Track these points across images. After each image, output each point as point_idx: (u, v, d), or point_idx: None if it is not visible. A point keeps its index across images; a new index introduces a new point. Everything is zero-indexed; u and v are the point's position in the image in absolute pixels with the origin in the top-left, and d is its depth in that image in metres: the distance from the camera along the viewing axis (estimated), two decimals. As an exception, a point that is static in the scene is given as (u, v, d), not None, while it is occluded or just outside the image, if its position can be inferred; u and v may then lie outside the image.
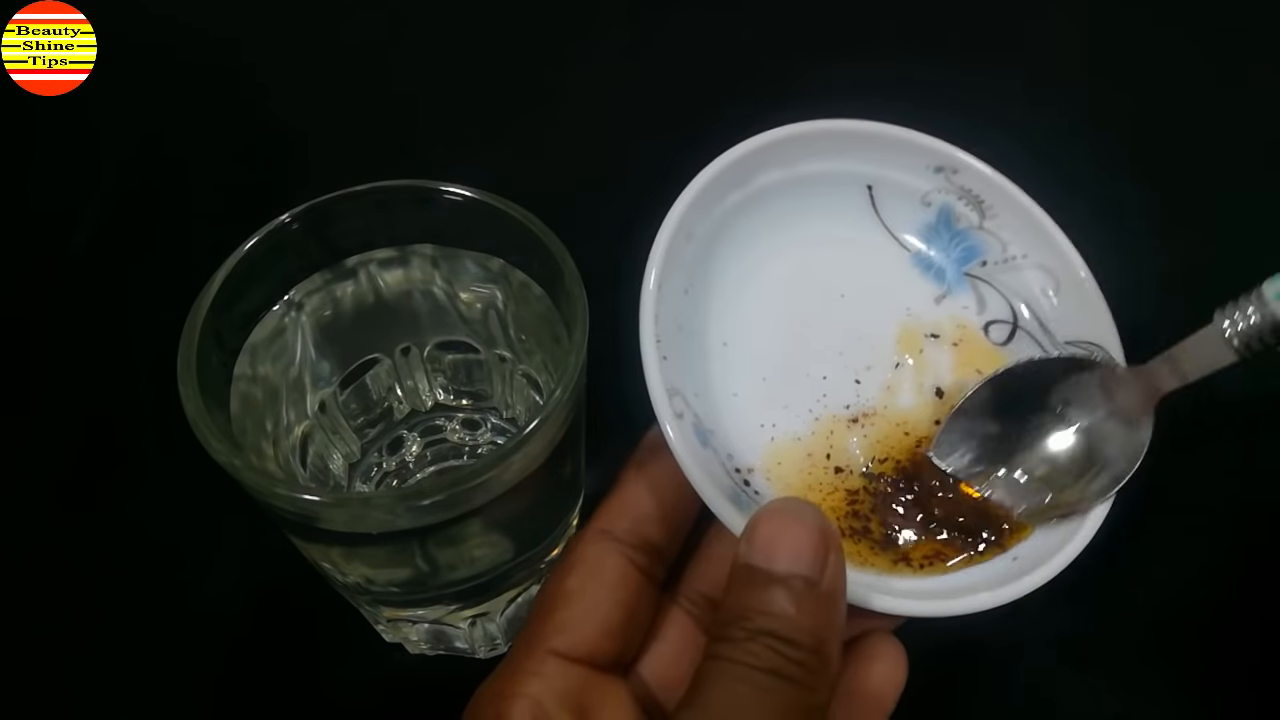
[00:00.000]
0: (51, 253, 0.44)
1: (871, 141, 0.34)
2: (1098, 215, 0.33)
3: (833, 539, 0.23)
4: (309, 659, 0.35)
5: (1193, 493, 0.38)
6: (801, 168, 0.34)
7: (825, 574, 0.23)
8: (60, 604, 0.36)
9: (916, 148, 0.34)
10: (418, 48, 0.52)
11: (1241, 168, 0.47)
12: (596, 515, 0.30)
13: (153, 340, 0.27)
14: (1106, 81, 0.51)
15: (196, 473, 0.25)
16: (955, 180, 0.34)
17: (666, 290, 0.30)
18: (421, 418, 0.34)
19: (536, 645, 0.27)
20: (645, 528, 0.29)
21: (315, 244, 0.28)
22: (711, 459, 0.29)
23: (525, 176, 0.33)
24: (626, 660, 0.29)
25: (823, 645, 0.22)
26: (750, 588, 0.23)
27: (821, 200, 0.35)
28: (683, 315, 0.32)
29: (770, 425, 0.32)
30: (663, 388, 0.28)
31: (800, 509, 0.24)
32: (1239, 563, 0.38)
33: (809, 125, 0.33)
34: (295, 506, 0.23)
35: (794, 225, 0.35)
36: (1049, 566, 0.27)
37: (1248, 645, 0.36)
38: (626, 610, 0.28)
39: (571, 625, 0.27)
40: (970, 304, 0.34)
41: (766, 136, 0.33)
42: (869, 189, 0.35)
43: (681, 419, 0.28)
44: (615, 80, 0.51)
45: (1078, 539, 0.28)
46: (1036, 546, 0.29)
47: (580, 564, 0.28)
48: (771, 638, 0.22)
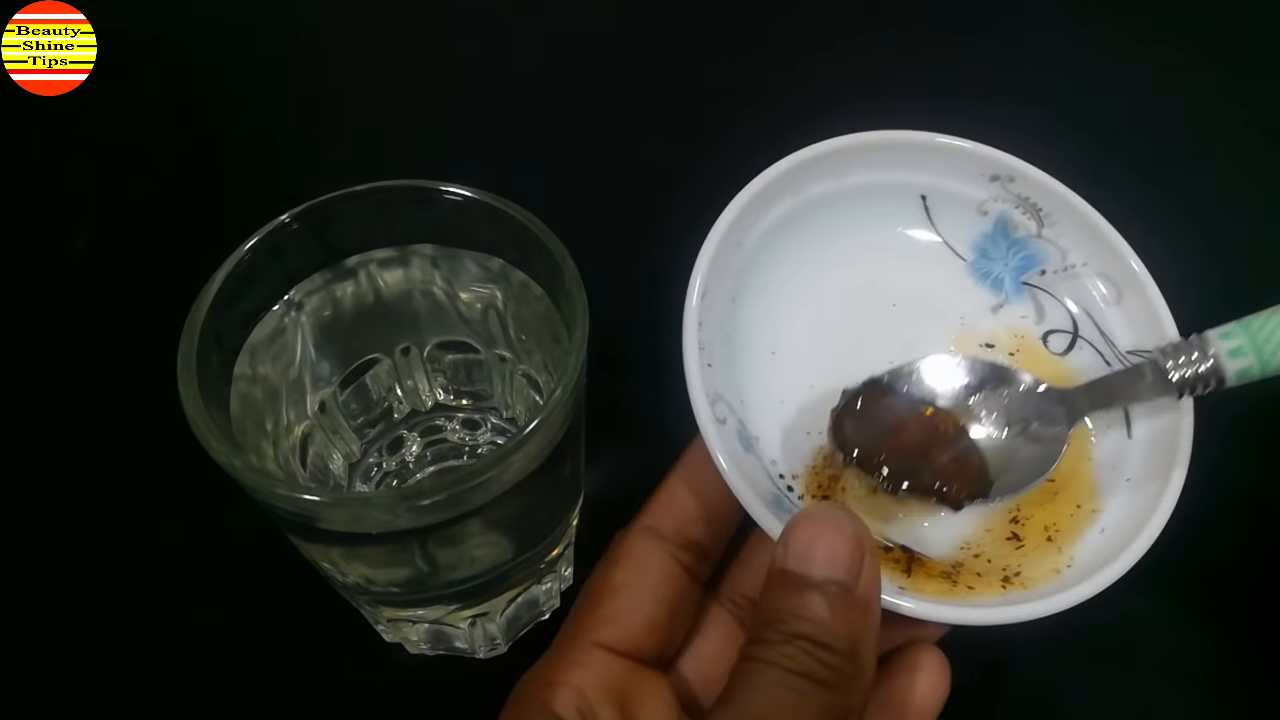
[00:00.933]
0: (51, 253, 0.44)
1: (925, 151, 0.34)
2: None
3: (868, 546, 0.24)
4: (309, 659, 0.35)
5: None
6: (853, 178, 0.34)
7: (860, 580, 0.23)
8: (60, 604, 0.36)
9: (972, 156, 0.34)
10: (417, 48, 0.52)
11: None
12: (643, 513, 0.30)
13: (153, 340, 0.27)
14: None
15: (196, 473, 0.25)
16: (1012, 189, 0.34)
17: (712, 299, 0.31)
18: (421, 418, 0.34)
19: (582, 636, 0.27)
20: (690, 527, 0.30)
21: (315, 244, 0.28)
22: (754, 465, 0.30)
23: (525, 176, 0.33)
24: (669, 656, 0.29)
25: (856, 650, 0.23)
26: (786, 591, 0.23)
27: (875, 210, 0.35)
28: (730, 323, 0.32)
29: (818, 433, 0.32)
30: (703, 393, 0.28)
31: (837, 515, 0.24)
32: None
33: (861, 136, 0.33)
34: (295, 506, 0.23)
35: (846, 235, 0.34)
36: (1098, 579, 0.27)
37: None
38: (670, 607, 0.28)
39: (616, 619, 0.28)
40: (1029, 313, 0.34)
41: (819, 147, 0.33)
42: (923, 199, 0.35)
43: (724, 424, 0.29)
44: (617, 80, 0.51)
45: (1130, 553, 0.27)
46: (1087, 558, 0.28)
47: (627, 559, 0.29)
48: (806, 641, 0.22)
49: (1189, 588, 0.36)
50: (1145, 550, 0.27)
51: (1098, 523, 0.29)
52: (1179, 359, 0.29)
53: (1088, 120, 0.49)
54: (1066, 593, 0.26)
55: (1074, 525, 0.30)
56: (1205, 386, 0.28)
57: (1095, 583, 0.27)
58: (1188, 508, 0.28)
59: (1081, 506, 0.30)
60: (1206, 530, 0.32)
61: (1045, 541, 0.30)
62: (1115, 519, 0.29)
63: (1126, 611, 0.33)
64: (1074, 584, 0.27)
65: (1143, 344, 0.32)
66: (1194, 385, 0.28)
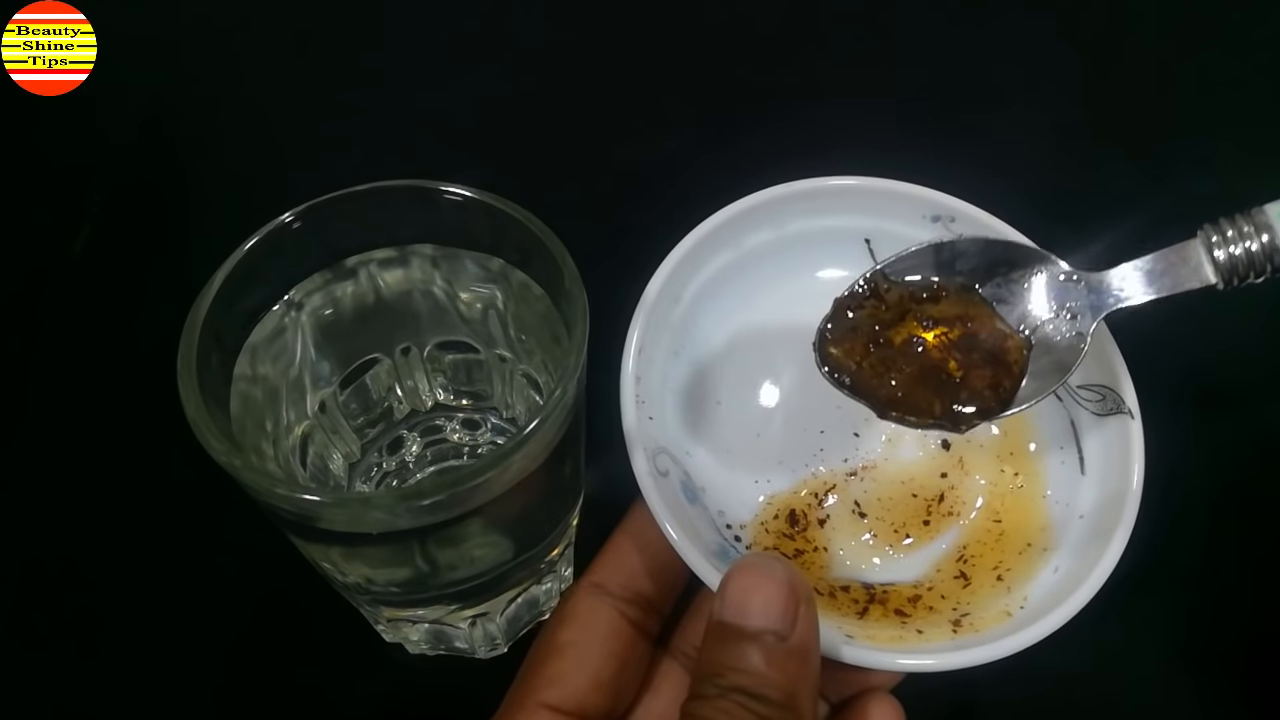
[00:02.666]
0: (51, 253, 0.44)
1: (864, 196, 0.34)
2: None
3: (803, 592, 0.23)
4: (309, 659, 0.35)
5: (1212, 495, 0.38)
6: (793, 226, 0.34)
7: (796, 628, 0.23)
8: (60, 604, 0.36)
9: (911, 199, 0.33)
10: (418, 47, 0.52)
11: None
12: (590, 569, 0.30)
13: (153, 340, 0.27)
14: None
15: (196, 473, 0.25)
16: (954, 228, 0.33)
17: (652, 352, 0.31)
18: (421, 418, 0.34)
19: (528, 697, 0.27)
20: (637, 582, 0.29)
21: (315, 244, 0.28)
22: (700, 515, 0.30)
23: (525, 176, 0.33)
24: (618, 714, 0.29)
25: (794, 700, 0.22)
26: (723, 644, 0.23)
27: (818, 256, 0.35)
28: (673, 376, 0.32)
29: (765, 481, 0.32)
30: (642, 448, 0.28)
31: (769, 564, 0.24)
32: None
33: (799, 185, 0.33)
34: (295, 506, 0.23)
35: (790, 282, 0.34)
36: (1049, 620, 0.26)
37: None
38: (618, 663, 0.28)
39: (563, 678, 0.27)
40: None
41: (754, 198, 0.33)
42: (867, 242, 0.35)
43: (666, 476, 0.29)
44: (618, 84, 0.51)
45: (1082, 591, 0.26)
46: (1040, 598, 0.28)
47: (572, 617, 0.28)
48: (742, 694, 0.22)
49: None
50: (1098, 589, 0.26)
51: (1050, 561, 0.29)
52: (1227, 234, 0.25)
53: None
54: (1017, 635, 0.26)
55: (1025, 565, 0.29)
56: (1257, 271, 0.25)
57: (1046, 624, 0.26)
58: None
59: (1032, 545, 0.30)
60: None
61: (995, 581, 0.29)
62: (1068, 558, 0.29)
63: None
64: (1025, 625, 0.26)
65: (1092, 379, 0.31)
66: (1243, 269, 0.25)
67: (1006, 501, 0.32)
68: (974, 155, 0.38)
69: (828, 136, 0.37)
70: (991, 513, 0.32)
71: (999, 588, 0.29)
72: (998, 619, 0.28)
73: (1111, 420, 0.30)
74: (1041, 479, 0.32)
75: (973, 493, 0.32)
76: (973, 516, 0.32)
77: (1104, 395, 0.31)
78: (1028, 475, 0.32)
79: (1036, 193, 0.37)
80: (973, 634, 0.27)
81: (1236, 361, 0.42)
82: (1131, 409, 0.30)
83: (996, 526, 0.31)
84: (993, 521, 0.31)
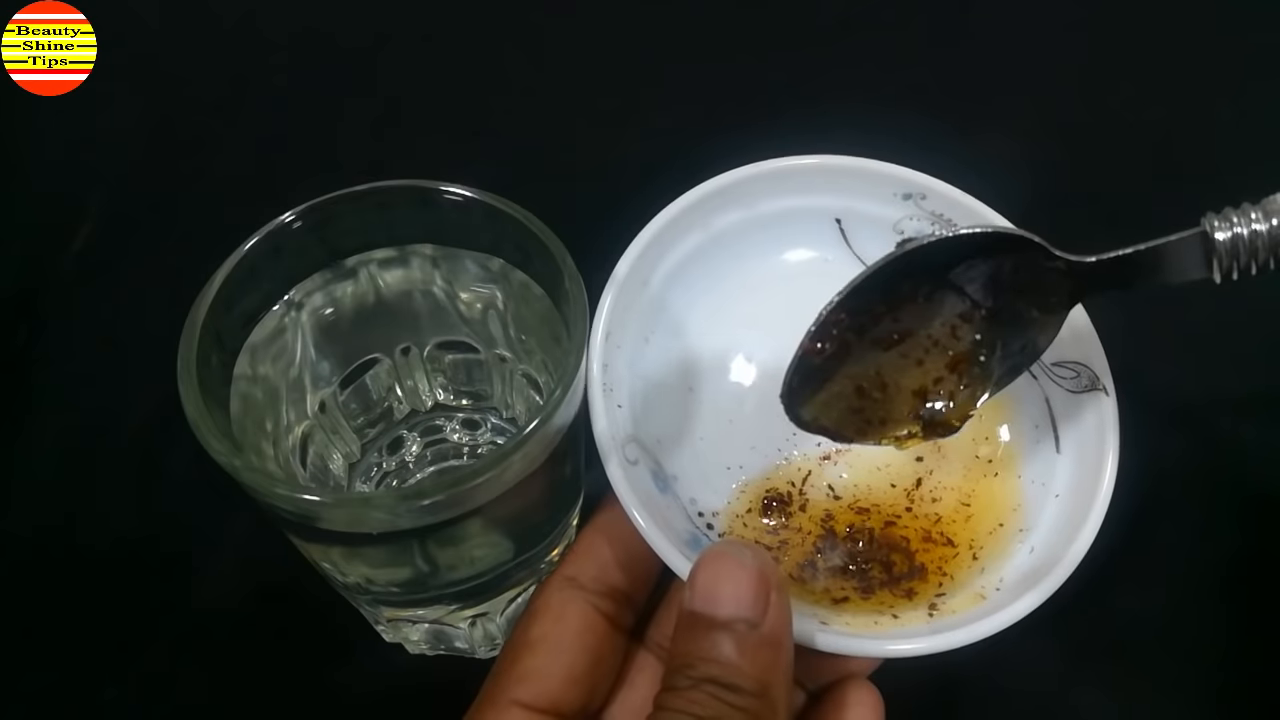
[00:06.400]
0: (51, 253, 0.44)
1: (834, 174, 0.33)
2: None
3: (773, 579, 0.23)
4: (309, 659, 0.35)
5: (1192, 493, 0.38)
6: (763, 206, 0.34)
7: (767, 616, 0.23)
8: (60, 604, 0.36)
9: (881, 176, 0.33)
10: (417, 47, 0.52)
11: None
12: (562, 563, 0.30)
13: (153, 340, 0.27)
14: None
15: (196, 473, 0.25)
16: (925, 206, 0.33)
17: (619, 338, 0.30)
18: (421, 418, 0.34)
19: (500, 695, 0.26)
20: (610, 574, 0.29)
21: (315, 244, 0.28)
22: (672, 504, 0.29)
23: (526, 176, 0.33)
24: (594, 708, 0.28)
25: (767, 690, 0.22)
26: (694, 634, 0.23)
27: (788, 237, 0.34)
28: (643, 363, 0.31)
29: (737, 468, 0.32)
30: (610, 437, 0.28)
31: (739, 551, 0.23)
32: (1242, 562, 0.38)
33: (767, 164, 0.33)
34: (295, 506, 0.23)
35: (760, 264, 0.34)
36: (1023, 603, 0.26)
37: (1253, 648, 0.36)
38: (591, 657, 0.28)
39: (535, 674, 0.27)
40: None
41: (723, 178, 0.32)
42: (838, 221, 0.34)
43: (636, 465, 0.28)
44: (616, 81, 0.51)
45: (1057, 572, 0.26)
46: (1015, 580, 0.28)
47: (544, 612, 0.28)
48: (715, 685, 0.22)
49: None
50: (1072, 570, 0.26)
51: (1026, 541, 0.29)
52: (1233, 220, 0.24)
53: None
54: (993, 617, 0.26)
55: (999, 544, 0.29)
56: (1259, 260, 0.23)
57: (1020, 606, 0.26)
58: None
59: (1005, 525, 0.30)
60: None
61: (971, 560, 0.29)
62: (1044, 537, 0.28)
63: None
64: (1001, 608, 0.26)
65: (1066, 356, 0.31)
66: (1247, 257, 0.23)
67: (980, 483, 0.31)
68: (968, 149, 0.38)
69: (844, 136, 0.36)
70: (964, 495, 0.32)
71: (974, 567, 0.29)
72: (973, 601, 0.28)
73: (1086, 397, 0.30)
74: (1017, 458, 0.31)
75: (950, 475, 0.32)
76: (947, 498, 0.32)
77: (1079, 372, 0.30)
78: (1002, 455, 0.32)
79: (1028, 184, 0.37)
80: (949, 617, 0.27)
81: (1214, 338, 0.41)
82: (1106, 386, 0.29)
83: (965, 509, 0.31)
84: (962, 504, 0.31)
